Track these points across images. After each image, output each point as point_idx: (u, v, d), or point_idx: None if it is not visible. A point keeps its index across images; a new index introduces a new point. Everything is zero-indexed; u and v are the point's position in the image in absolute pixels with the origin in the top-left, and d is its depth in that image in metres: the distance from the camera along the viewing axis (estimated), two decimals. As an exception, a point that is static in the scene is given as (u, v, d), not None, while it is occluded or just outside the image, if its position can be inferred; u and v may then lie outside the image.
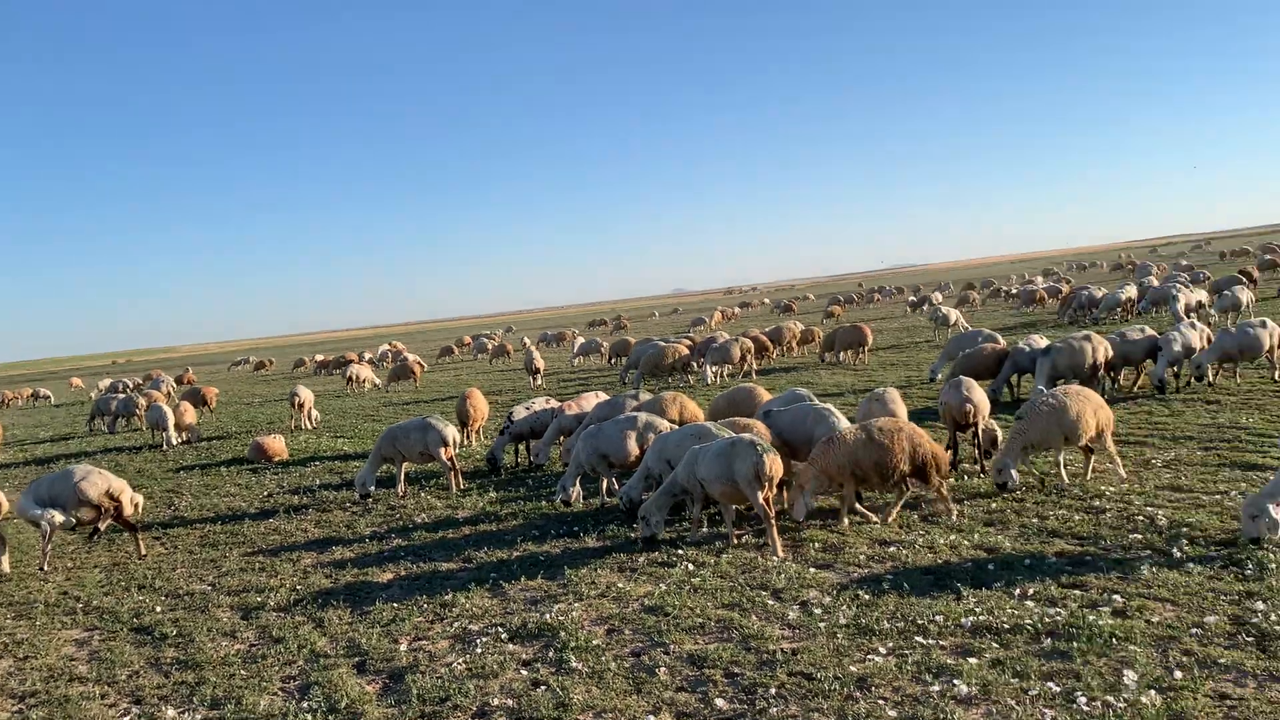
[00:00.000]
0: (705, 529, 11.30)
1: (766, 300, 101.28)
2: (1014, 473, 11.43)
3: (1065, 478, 11.79)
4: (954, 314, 36.45)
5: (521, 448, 17.32)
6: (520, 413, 16.87)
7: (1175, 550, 8.79)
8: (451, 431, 15.17)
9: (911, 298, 60.98)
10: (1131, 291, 35.35)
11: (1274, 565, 8.14)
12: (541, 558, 10.86)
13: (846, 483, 10.73)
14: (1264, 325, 17.54)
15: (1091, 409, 11.47)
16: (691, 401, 15.19)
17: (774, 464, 10.12)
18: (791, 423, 12.29)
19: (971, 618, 7.68)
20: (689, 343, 31.21)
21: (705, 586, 9.21)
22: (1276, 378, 17.53)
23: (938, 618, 7.76)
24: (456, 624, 8.95)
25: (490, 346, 52.88)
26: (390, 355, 59.95)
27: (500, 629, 8.64)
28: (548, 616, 8.76)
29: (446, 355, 60.01)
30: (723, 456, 10.28)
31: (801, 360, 32.61)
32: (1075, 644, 6.99)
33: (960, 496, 11.63)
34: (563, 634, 8.29)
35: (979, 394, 13.06)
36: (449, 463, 15.09)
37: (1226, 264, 64.25)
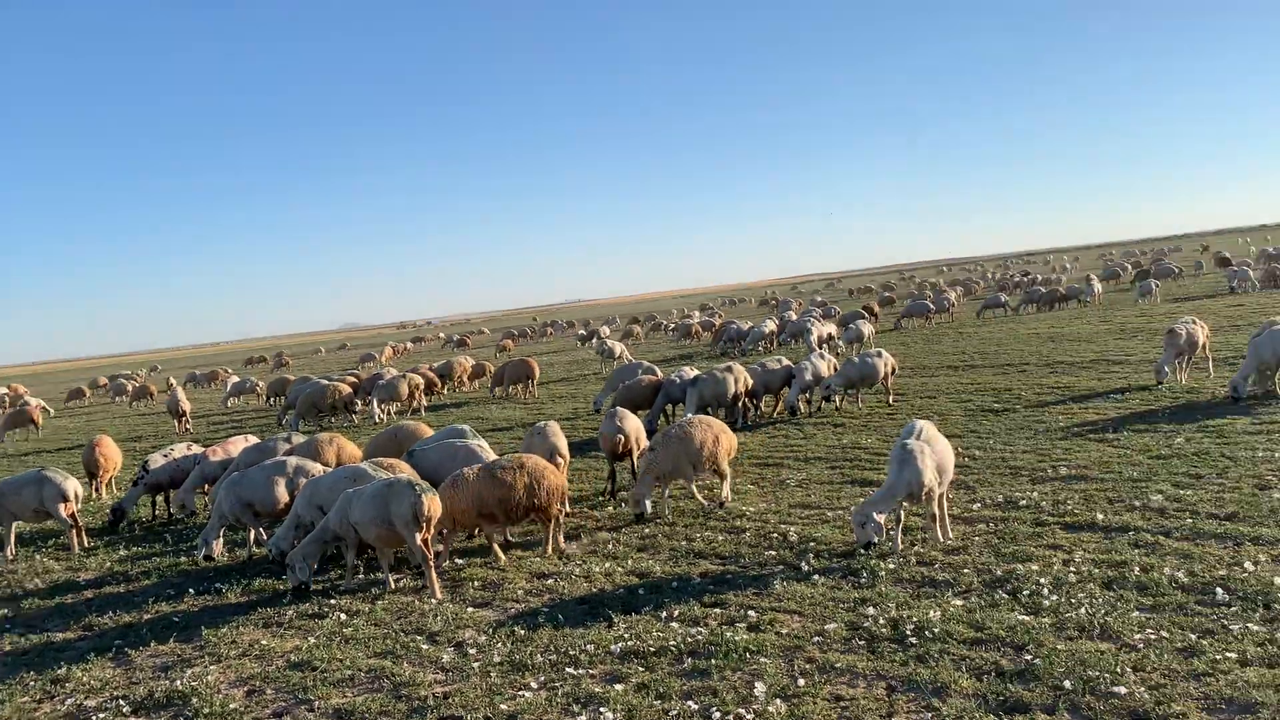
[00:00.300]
0: (361, 575, 10.87)
1: (442, 335, 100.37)
2: (648, 503, 11.97)
3: (703, 501, 12.53)
4: (619, 347, 37.93)
5: (163, 500, 15.84)
6: (157, 460, 15.43)
7: (804, 564, 9.56)
8: (73, 484, 13.56)
9: (581, 331, 62.90)
10: (773, 325, 38.54)
11: (884, 573, 9.07)
12: (176, 618, 9.94)
13: (476, 522, 10.71)
14: (880, 355, 19.72)
15: (714, 436, 12.29)
16: (350, 443, 14.62)
17: (433, 504, 9.90)
18: (440, 461, 12.12)
19: (621, 644, 7.90)
20: (353, 380, 30.14)
21: (358, 636, 8.82)
22: (890, 401, 19.72)
23: (589, 647, 7.91)
24: (70, 700, 8.00)
25: (130, 388, 48.31)
26: (6, 399, 52.80)
27: (122, 701, 7.80)
28: (179, 683, 8.02)
29: (77, 398, 53.69)
30: (379, 498, 9.93)
31: (474, 395, 32.51)
32: (714, 661, 7.38)
33: (617, 524, 12.02)
34: (195, 700, 7.62)
35: (632, 424, 13.59)
36: (70, 520, 13.47)
37: (853, 300, 71.83)
